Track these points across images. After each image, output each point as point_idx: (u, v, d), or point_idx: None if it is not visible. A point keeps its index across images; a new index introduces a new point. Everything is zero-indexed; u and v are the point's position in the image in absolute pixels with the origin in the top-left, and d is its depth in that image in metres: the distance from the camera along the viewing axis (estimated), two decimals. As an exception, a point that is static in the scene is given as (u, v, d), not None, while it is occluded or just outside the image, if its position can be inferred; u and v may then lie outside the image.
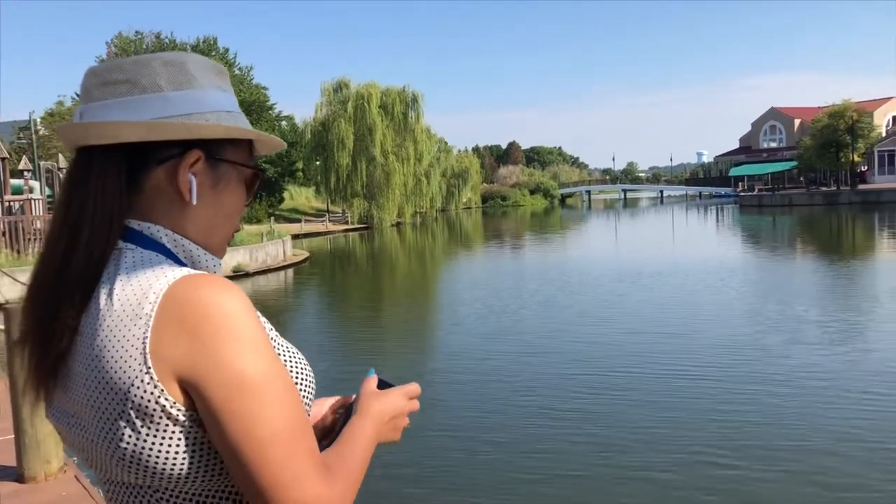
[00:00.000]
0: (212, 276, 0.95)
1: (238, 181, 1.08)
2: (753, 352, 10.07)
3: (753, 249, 27.47)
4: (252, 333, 0.91)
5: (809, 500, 5.59)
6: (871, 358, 9.62)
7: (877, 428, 6.92)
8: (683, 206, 75.64)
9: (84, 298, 0.94)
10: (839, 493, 5.63)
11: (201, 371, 0.89)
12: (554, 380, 9.18)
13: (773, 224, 40.39)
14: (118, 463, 0.93)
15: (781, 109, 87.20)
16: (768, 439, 6.74)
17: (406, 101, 54.97)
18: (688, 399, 8.07)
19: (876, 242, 28.46)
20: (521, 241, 37.21)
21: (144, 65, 1.01)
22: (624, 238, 37.11)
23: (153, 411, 0.89)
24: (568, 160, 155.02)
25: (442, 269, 26.08)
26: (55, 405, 1.00)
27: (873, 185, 61.96)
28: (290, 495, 0.89)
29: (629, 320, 12.86)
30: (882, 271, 19.68)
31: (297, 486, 0.90)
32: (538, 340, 11.59)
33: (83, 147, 1.00)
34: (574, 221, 55.97)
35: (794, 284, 17.28)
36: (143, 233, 1.00)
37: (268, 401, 0.90)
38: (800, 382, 8.53)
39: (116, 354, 0.90)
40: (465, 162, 78.28)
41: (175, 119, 1.00)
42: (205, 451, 0.93)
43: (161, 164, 1.01)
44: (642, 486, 5.92)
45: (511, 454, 6.71)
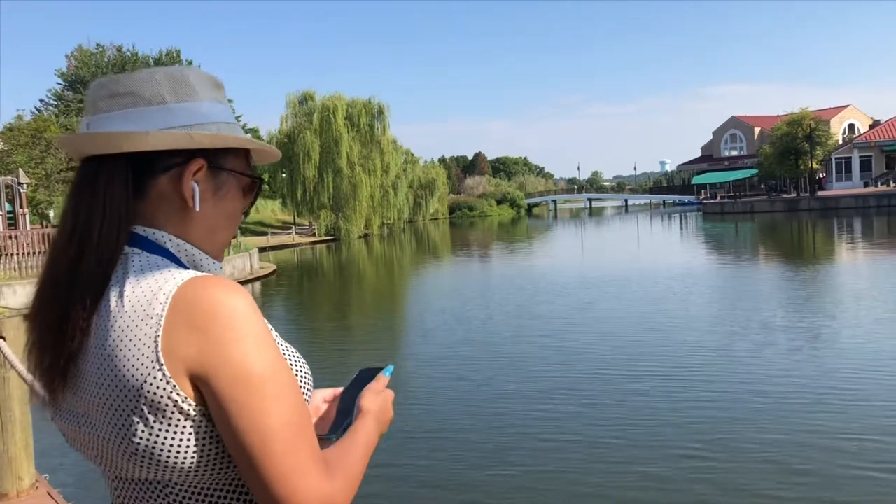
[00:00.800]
0: (218, 277, 0.99)
1: (237, 189, 1.13)
2: (718, 354, 10.25)
3: (718, 256, 27.93)
4: (258, 332, 0.97)
5: (774, 488, 5.72)
6: (832, 357, 9.84)
7: (839, 421, 7.09)
8: (648, 214, 76.56)
9: (94, 301, 0.98)
10: (801, 481, 5.77)
11: (211, 367, 0.93)
12: (524, 385, 9.26)
13: (735, 231, 41.05)
14: (130, 458, 0.96)
15: (742, 118, 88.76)
16: (734, 434, 6.87)
17: (372, 113, 55.04)
18: (655, 398, 8.19)
19: (836, 247, 29.09)
20: (489, 251, 37.38)
21: (148, 78, 1.06)
22: (590, 246, 37.46)
23: (166, 406, 0.93)
24: (534, 170, 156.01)
25: (410, 280, 26.11)
26: (62, 407, 1.02)
27: (831, 192, 63.28)
28: (292, 486, 0.94)
29: (597, 327, 13.00)
30: (843, 275, 20.13)
31: (298, 478, 0.94)
32: (507, 348, 11.67)
33: (89, 156, 1.05)
34: (541, 231, 56.34)
35: (758, 289, 17.60)
36: (148, 238, 1.05)
37: (272, 396, 0.95)
38: (764, 382, 8.70)
39: (129, 353, 0.94)
40: (432, 173, 78.44)
41: (178, 129, 1.05)
42: (213, 444, 0.97)
43: (165, 172, 1.05)
44: (614, 482, 6.01)
45: (482, 458, 6.76)
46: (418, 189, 74.38)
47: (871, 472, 6.02)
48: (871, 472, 6.00)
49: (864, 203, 53.35)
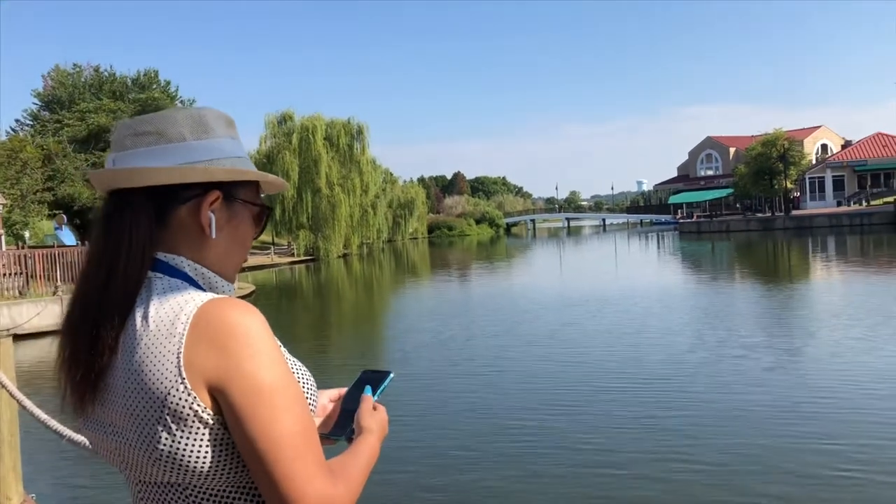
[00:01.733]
0: (234, 299, 1.11)
1: (248, 217, 1.24)
2: (697, 369, 10.33)
3: (695, 275, 28.20)
4: (269, 349, 1.07)
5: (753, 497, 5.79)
6: (806, 374, 9.97)
7: (810, 434, 7.20)
8: (625, 233, 77.11)
9: (122, 321, 1.09)
10: (779, 492, 5.85)
11: (227, 380, 1.04)
12: (504, 402, 9.28)
13: (712, 250, 41.47)
14: (154, 463, 1.07)
15: (717, 138, 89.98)
16: (711, 444, 6.95)
17: (351, 133, 55.09)
18: (636, 412, 8.25)
19: (811, 266, 29.49)
20: (469, 270, 37.45)
21: (170, 118, 1.19)
22: (569, 266, 37.66)
23: (187, 416, 1.04)
24: (512, 190, 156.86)
25: (390, 300, 26.10)
26: (90, 417, 1.12)
27: (805, 211, 64.23)
28: (300, 489, 1.03)
29: (577, 345, 13.07)
30: (818, 293, 20.41)
31: (305, 482, 1.04)
32: (488, 368, 11.69)
33: (115, 190, 1.16)
34: (520, 250, 56.54)
35: (734, 308, 17.79)
36: (168, 263, 1.16)
37: (282, 407, 1.05)
38: (740, 394, 8.80)
39: (154, 367, 1.05)
40: (411, 192, 78.63)
41: (198, 164, 1.15)
42: (229, 450, 1.07)
43: (185, 203, 1.17)
44: (596, 491, 6.05)
45: (465, 476, 6.77)
46: (397, 209, 74.48)
47: (848, 477, 6.11)
48: (848, 478, 6.10)
49: (838, 222, 54.16)
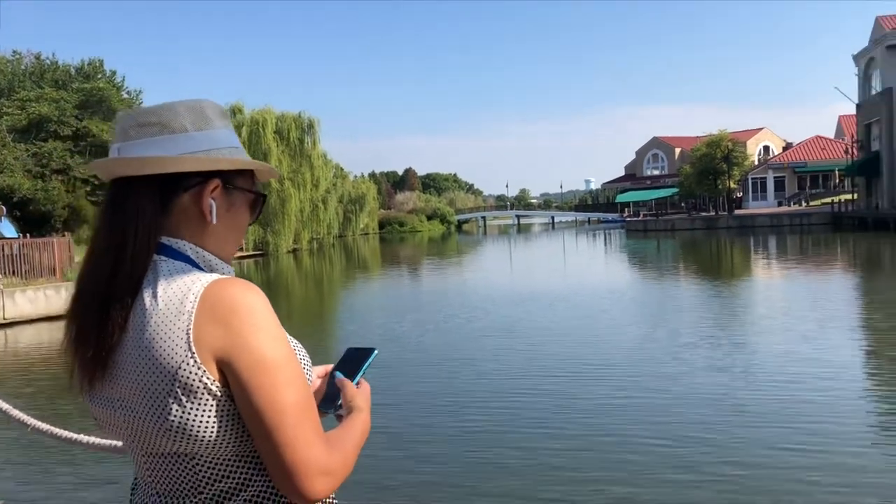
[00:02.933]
0: (238, 279, 1.19)
1: (245, 204, 1.33)
2: (644, 365, 10.61)
3: (641, 272, 28.78)
4: (272, 325, 1.16)
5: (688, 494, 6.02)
6: (746, 369, 10.32)
7: (749, 424, 7.49)
8: (574, 231, 78.02)
9: (131, 301, 1.16)
10: (724, 488, 6.10)
11: (233, 354, 1.11)
12: (455, 396, 9.41)
13: (657, 248, 42.27)
14: (164, 434, 1.14)
15: (663, 139, 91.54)
16: (658, 439, 7.18)
17: (302, 127, 54.65)
18: (582, 407, 8.46)
19: (752, 264, 30.32)
20: (420, 266, 37.52)
21: (171, 109, 1.25)
22: (519, 263, 38.03)
23: (197, 388, 1.12)
24: (463, 187, 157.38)
25: (341, 296, 26.04)
26: (97, 394, 1.20)
27: (748, 211, 65.88)
28: (300, 454, 1.12)
29: (527, 341, 13.26)
30: (759, 291, 21.03)
31: (305, 448, 1.13)
32: (438, 365, 11.82)
33: (119, 178, 1.23)
34: (471, 247, 56.79)
35: (678, 304, 18.24)
36: (172, 247, 1.23)
37: (284, 379, 1.14)
38: (683, 391, 9.08)
39: (165, 344, 1.11)
40: (362, 188, 78.35)
41: (199, 154, 1.23)
42: (234, 420, 1.15)
43: (187, 191, 1.24)
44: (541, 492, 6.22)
45: (409, 470, 6.88)
46: (348, 204, 74.16)
47: (788, 467, 6.40)
48: (788, 467, 6.38)
49: (779, 222, 55.70)
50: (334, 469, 1.16)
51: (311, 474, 1.13)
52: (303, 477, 1.13)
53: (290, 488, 1.14)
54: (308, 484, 1.13)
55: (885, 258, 30.04)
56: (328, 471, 1.15)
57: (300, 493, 1.14)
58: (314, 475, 1.14)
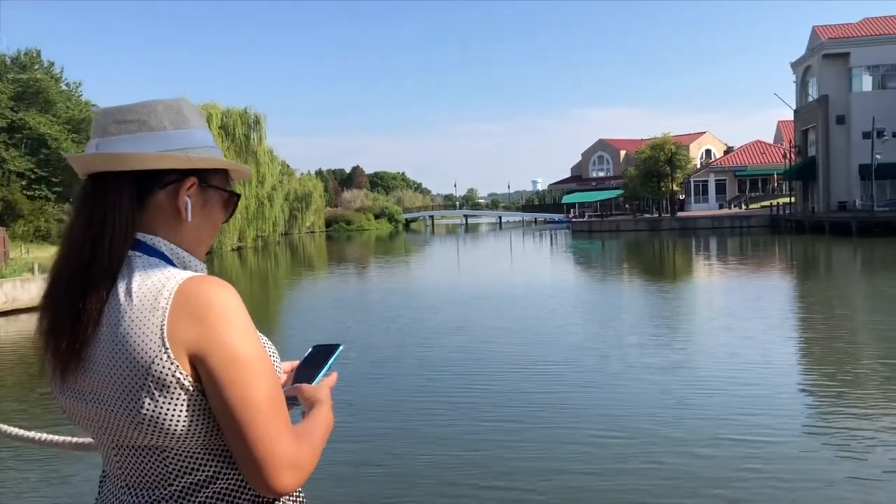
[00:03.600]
0: (212, 277, 1.19)
1: (220, 203, 1.35)
2: (590, 362, 10.77)
3: (586, 272, 29.18)
4: (244, 322, 1.18)
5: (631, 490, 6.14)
6: (686, 367, 10.57)
7: (690, 427, 7.66)
8: (521, 231, 78.68)
9: (106, 295, 1.16)
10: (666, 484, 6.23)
11: (207, 350, 1.14)
12: (399, 393, 9.42)
13: (602, 248, 42.91)
14: (136, 427, 1.15)
15: (608, 141, 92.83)
16: (607, 435, 7.30)
17: (248, 123, 53.91)
18: (520, 400, 8.55)
19: (694, 265, 31.00)
20: (368, 265, 37.40)
21: (150, 108, 1.26)
22: (467, 262, 38.20)
23: (170, 383, 1.13)
24: (411, 185, 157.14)
25: (286, 295, 25.78)
26: (68, 386, 1.20)
27: (690, 213, 67.29)
28: (270, 448, 1.14)
29: (472, 341, 13.34)
30: (700, 291, 21.52)
31: (275, 442, 1.15)
32: (387, 364, 11.80)
33: (96, 173, 1.23)
34: (419, 246, 56.83)
35: (621, 303, 18.57)
36: (146, 243, 1.23)
37: (256, 375, 1.16)
38: (622, 388, 9.25)
39: (139, 338, 1.13)
40: (309, 185, 77.69)
41: (177, 152, 1.24)
42: (204, 415, 1.17)
43: (164, 188, 1.25)
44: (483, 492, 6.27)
45: (352, 470, 6.86)
46: (294, 202, 73.45)
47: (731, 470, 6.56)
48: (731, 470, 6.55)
49: (720, 224, 57.01)
50: (303, 462, 1.18)
51: (280, 468, 1.15)
52: (272, 470, 1.15)
53: (260, 481, 1.16)
54: (278, 477, 1.15)
55: (820, 260, 31.04)
56: (297, 464, 1.17)
57: (270, 487, 1.16)
58: (284, 469, 1.16)
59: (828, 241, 38.65)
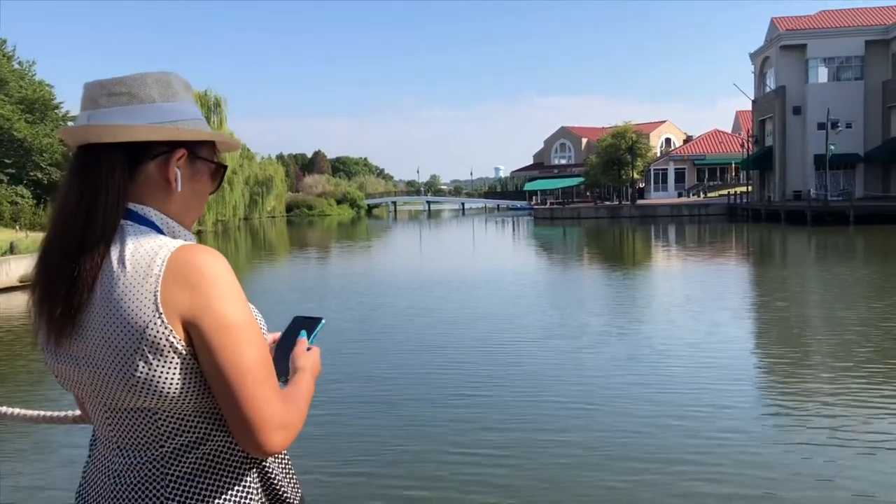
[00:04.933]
0: (202, 245, 1.24)
1: (207, 174, 1.38)
2: (546, 350, 10.92)
3: (547, 259, 29.44)
4: (235, 290, 1.24)
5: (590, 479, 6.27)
6: (643, 354, 10.77)
7: (648, 414, 7.84)
8: (483, 217, 78.90)
9: (100, 262, 1.20)
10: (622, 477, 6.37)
11: (199, 316, 1.18)
12: (356, 378, 9.45)
13: (563, 235, 43.29)
14: (129, 390, 1.20)
15: (571, 128, 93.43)
16: (562, 423, 7.43)
17: (208, 106, 53.28)
18: (480, 385, 8.66)
19: (652, 252, 31.45)
20: (329, 251, 37.23)
21: (141, 80, 1.28)
22: (429, 248, 38.25)
23: (164, 347, 1.18)
24: (374, 171, 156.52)
25: (247, 281, 25.57)
26: (63, 351, 1.23)
27: (650, 201, 68.16)
28: (260, 410, 1.20)
29: (432, 327, 13.42)
30: (658, 277, 21.87)
31: (265, 404, 1.20)
32: (347, 350, 11.80)
33: (87, 145, 1.26)
34: (381, 231, 56.71)
35: (581, 289, 18.81)
36: (137, 213, 1.26)
37: (246, 340, 1.21)
38: (579, 375, 9.41)
39: (133, 304, 1.17)
40: (269, 170, 76.89)
41: (167, 124, 1.27)
42: (196, 378, 1.22)
43: (154, 159, 1.28)
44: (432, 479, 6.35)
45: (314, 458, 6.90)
46: (255, 186, 72.68)
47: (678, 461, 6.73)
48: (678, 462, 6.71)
49: (678, 212, 57.88)
50: (291, 423, 1.24)
51: (271, 429, 1.20)
52: (263, 431, 1.20)
53: (251, 442, 1.21)
54: (268, 438, 1.20)
55: (775, 248, 31.71)
56: (286, 425, 1.23)
57: (260, 447, 1.21)
58: (274, 429, 1.21)
59: (783, 229, 39.49)
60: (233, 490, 1.27)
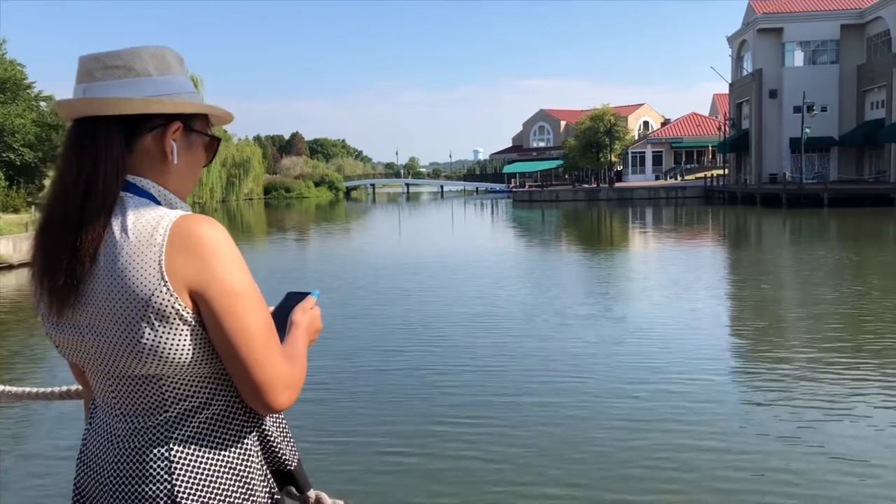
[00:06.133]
0: (202, 215, 1.26)
1: (201, 146, 1.41)
2: (524, 330, 11.03)
3: (525, 241, 29.59)
4: (236, 256, 1.27)
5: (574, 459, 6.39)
6: (621, 336, 10.91)
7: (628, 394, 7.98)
8: (462, 200, 78.91)
9: (101, 232, 1.23)
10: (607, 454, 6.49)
11: (204, 283, 1.22)
12: (335, 358, 9.51)
13: (542, 218, 43.46)
14: (136, 357, 1.23)
15: (549, 111, 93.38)
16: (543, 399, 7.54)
17: (184, 87, 52.52)
18: (458, 367, 8.76)
19: (629, 235, 31.69)
20: (307, 233, 37.11)
21: (136, 54, 1.31)
22: (408, 231, 38.24)
23: (170, 314, 1.22)
24: (352, 153, 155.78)
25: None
26: (65, 321, 1.27)
27: (627, 184, 68.45)
28: (268, 370, 1.26)
29: (412, 311, 13.48)
30: (634, 260, 22.07)
31: (271, 365, 1.27)
32: (326, 335, 11.83)
33: (83, 118, 1.28)
34: (360, 214, 56.57)
35: (558, 271, 18.95)
36: (136, 185, 1.30)
37: (250, 306, 1.26)
38: (562, 357, 9.53)
39: (138, 273, 1.21)
40: (247, 152, 76.20)
41: (164, 97, 1.30)
42: (203, 344, 1.26)
43: (150, 132, 1.31)
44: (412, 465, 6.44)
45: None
46: (231, 168, 72.07)
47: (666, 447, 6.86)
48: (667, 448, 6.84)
49: (655, 195, 58.17)
50: (295, 382, 1.31)
51: (278, 388, 1.27)
52: (271, 391, 1.26)
53: (260, 401, 1.27)
54: (275, 396, 1.27)
55: (751, 230, 32.07)
56: (291, 384, 1.30)
57: (269, 405, 1.28)
58: (280, 389, 1.27)
59: (759, 211, 39.92)
60: (233, 452, 1.32)
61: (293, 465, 1.44)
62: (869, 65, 48.80)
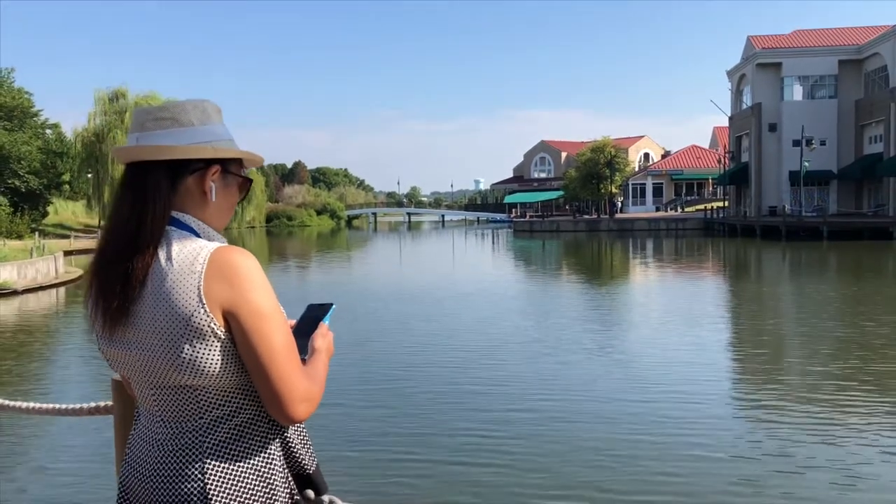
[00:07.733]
0: (235, 246, 1.46)
1: (235, 185, 1.63)
2: (526, 352, 11.14)
3: (525, 271, 29.74)
4: (265, 283, 1.46)
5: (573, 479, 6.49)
6: (622, 364, 11.02)
7: (629, 421, 8.08)
8: (463, 229, 79.18)
9: (150, 260, 1.42)
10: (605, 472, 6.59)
11: (236, 306, 1.41)
12: (335, 386, 9.61)
13: (542, 248, 43.59)
14: (176, 369, 1.42)
15: (550, 142, 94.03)
16: (540, 426, 7.65)
17: (189, 115, 52.96)
18: (458, 392, 8.86)
19: (630, 265, 31.83)
20: (309, 261, 37.29)
21: (181, 107, 1.54)
22: (409, 260, 38.41)
23: (206, 332, 1.40)
24: (354, 182, 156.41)
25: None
26: (116, 338, 1.47)
27: (628, 215, 68.75)
28: (290, 384, 1.44)
29: (412, 339, 13.58)
30: (635, 289, 22.20)
31: (294, 380, 1.45)
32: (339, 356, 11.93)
33: (135, 162, 1.51)
34: (361, 243, 56.78)
35: (560, 302, 19.06)
36: (179, 220, 1.50)
37: (275, 326, 1.44)
38: (561, 383, 9.64)
39: (180, 296, 1.40)
40: (250, 180, 76.49)
41: (205, 144, 1.52)
42: (234, 358, 1.44)
43: (192, 174, 1.52)
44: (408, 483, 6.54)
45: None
46: (235, 196, 72.30)
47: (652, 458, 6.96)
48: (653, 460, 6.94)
49: (656, 226, 58.34)
50: (313, 396, 1.48)
51: (297, 401, 1.44)
52: (291, 403, 1.44)
53: (281, 412, 1.45)
54: (295, 408, 1.45)
55: (751, 262, 32.21)
56: (309, 398, 1.47)
57: (288, 416, 1.45)
58: (299, 401, 1.44)
59: (758, 244, 40.07)
60: (259, 456, 1.50)
61: (312, 470, 1.61)
62: (867, 99, 49.31)
